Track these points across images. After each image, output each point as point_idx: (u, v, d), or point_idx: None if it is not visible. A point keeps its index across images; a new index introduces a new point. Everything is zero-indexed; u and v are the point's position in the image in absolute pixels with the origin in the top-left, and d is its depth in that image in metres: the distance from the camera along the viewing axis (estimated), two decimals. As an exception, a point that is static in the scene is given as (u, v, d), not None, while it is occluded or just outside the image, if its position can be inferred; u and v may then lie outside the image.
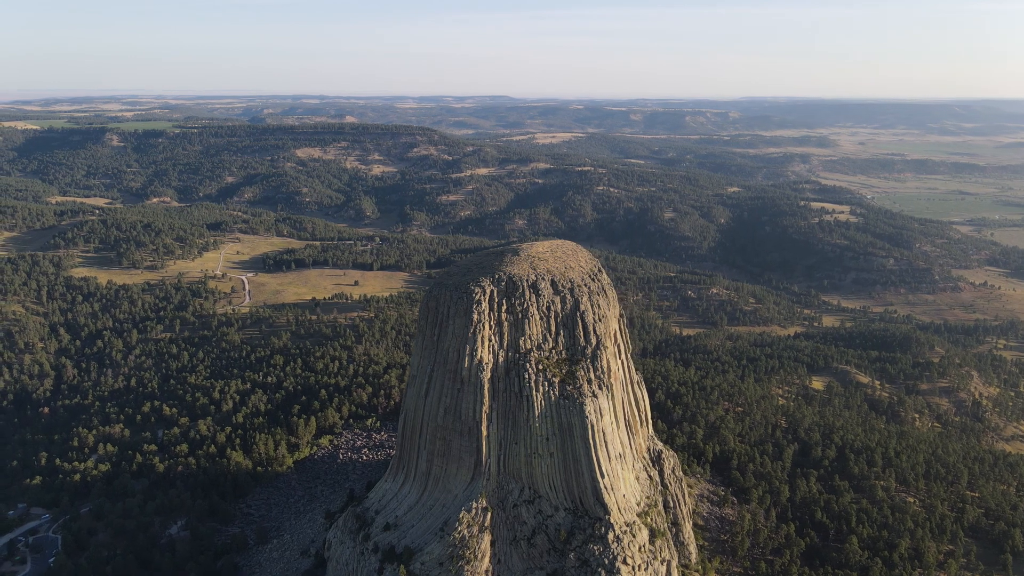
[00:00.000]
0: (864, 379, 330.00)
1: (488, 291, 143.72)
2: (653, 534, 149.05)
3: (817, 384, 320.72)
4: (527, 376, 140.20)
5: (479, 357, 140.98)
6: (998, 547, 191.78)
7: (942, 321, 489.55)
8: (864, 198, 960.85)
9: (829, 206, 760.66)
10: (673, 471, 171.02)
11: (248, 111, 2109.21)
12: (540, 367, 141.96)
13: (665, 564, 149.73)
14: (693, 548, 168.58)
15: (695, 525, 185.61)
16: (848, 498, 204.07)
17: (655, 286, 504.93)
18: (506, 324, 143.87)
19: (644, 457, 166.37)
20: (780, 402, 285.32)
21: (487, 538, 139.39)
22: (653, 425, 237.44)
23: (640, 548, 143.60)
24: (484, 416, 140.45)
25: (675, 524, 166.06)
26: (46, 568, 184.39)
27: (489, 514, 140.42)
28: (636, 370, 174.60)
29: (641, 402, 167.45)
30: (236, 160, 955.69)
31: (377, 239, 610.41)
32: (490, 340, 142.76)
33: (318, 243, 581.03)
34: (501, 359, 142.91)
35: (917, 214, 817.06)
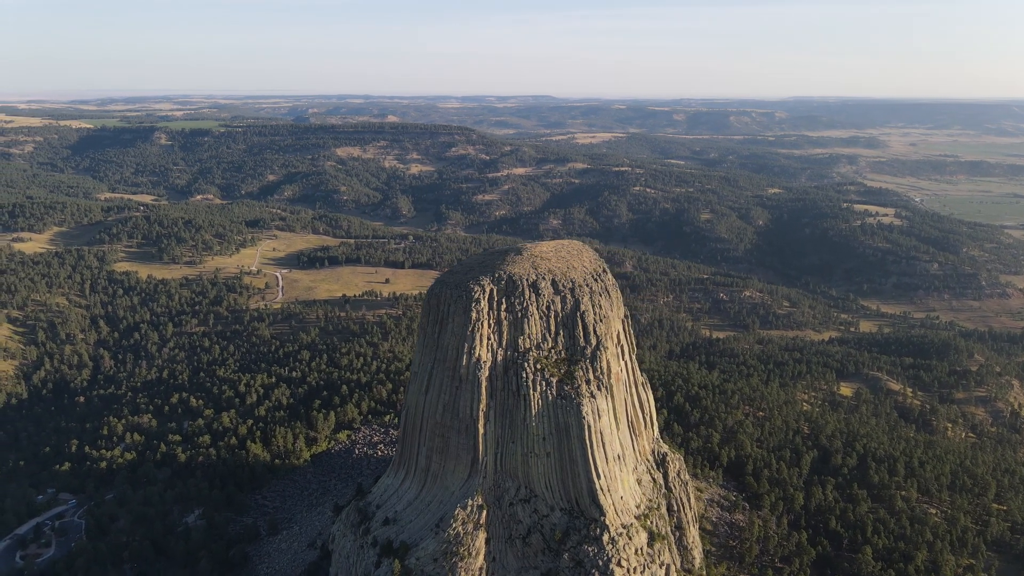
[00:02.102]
0: (896, 386, 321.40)
1: (488, 290, 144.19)
2: (652, 537, 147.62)
3: (846, 390, 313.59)
4: (525, 375, 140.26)
5: (477, 355, 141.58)
6: (1022, 563, 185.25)
7: (987, 328, 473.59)
8: (911, 200, 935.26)
9: (873, 208, 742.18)
10: (678, 474, 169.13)
11: (294, 111, 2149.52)
12: (538, 367, 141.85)
13: (664, 568, 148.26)
14: (697, 553, 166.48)
15: (703, 530, 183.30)
16: (865, 507, 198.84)
17: (686, 288, 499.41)
18: (505, 323, 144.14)
19: (648, 459, 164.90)
20: (804, 407, 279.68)
21: (482, 536, 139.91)
22: (669, 428, 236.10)
23: (637, 551, 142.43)
24: (481, 414, 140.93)
25: (679, 528, 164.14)
26: (68, 552, 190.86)
27: (485, 512, 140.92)
28: (641, 372, 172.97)
29: (645, 404, 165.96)
30: (278, 159, 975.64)
31: (410, 238, 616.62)
32: (489, 339, 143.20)
33: (352, 241, 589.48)
34: (500, 358, 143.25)
35: (968, 217, 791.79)
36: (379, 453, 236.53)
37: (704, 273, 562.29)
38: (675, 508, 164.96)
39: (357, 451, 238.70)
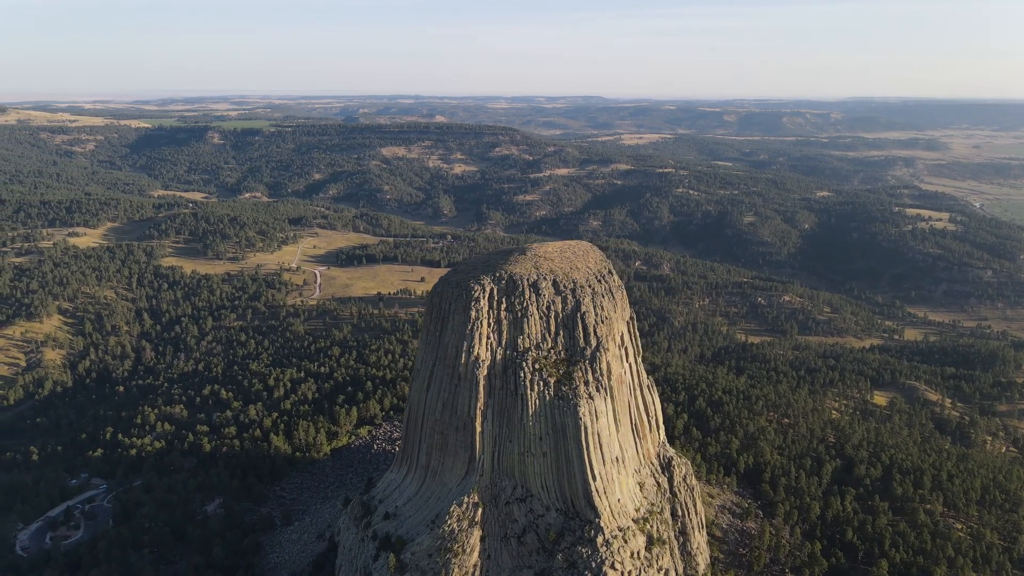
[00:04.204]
0: (934, 396, 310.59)
1: (488, 289, 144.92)
2: (651, 541, 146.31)
3: (880, 399, 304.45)
4: (523, 375, 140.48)
5: (476, 354, 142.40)
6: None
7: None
8: (969, 205, 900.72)
9: (926, 213, 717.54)
10: (684, 479, 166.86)
11: (344, 110, 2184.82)
12: (536, 366, 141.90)
13: (663, 572, 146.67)
14: (702, 559, 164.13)
15: (713, 537, 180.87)
16: (885, 520, 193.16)
17: (723, 291, 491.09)
18: (505, 322, 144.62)
19: (652, 463, 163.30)
20: (833, 416, 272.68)
21: (477, 533, 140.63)
22: (687, 432, 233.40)
23: (633, 554, 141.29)
24: (479, 412, 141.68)
25: (683, 533, 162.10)
26: (93, 535, 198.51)
27: (480, 510, 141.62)
28: (649, 374, 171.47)
29: (651, 407, 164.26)
30: (325, 158, 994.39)
31: (448, 237, 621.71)
32: (488, 338, 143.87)
33: (391, 239, 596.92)
34: (499, 357, 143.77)
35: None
36: (397, 449, 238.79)
37: (744, 277, 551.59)
38: (679, 513, 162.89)
39: (376, 446, 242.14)
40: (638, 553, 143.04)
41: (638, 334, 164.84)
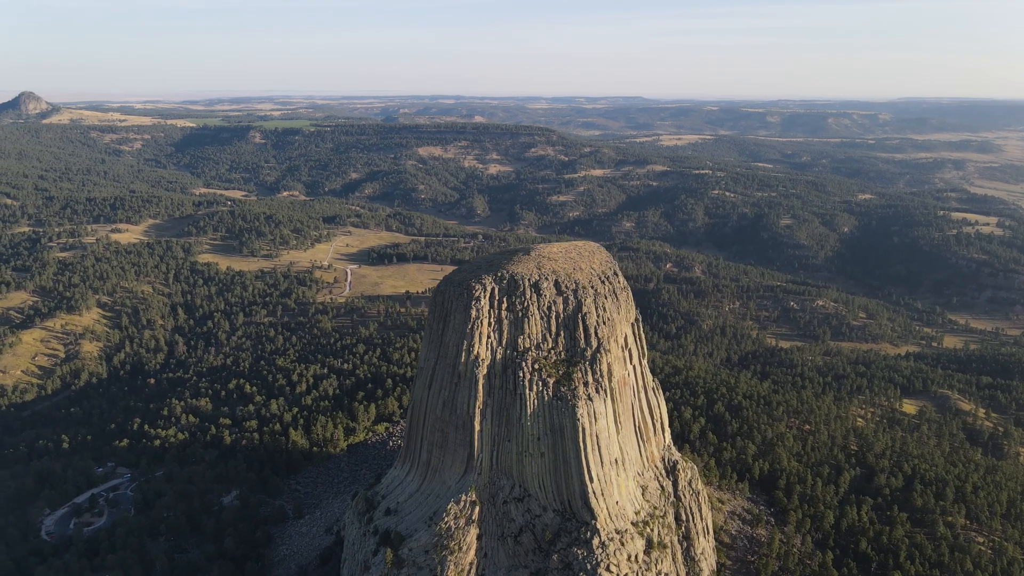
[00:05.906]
0: (967, 406, 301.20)
1: (489, 288, 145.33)
2: (650, 545, 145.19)
3: (909, 408, 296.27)
4: (522, 375, 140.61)
5: (476, 353, 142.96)
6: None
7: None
8: (1020, 209, 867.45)
9: (972, 217, 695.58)
10: (690, 483, 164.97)
11: (385, 111, 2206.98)
12: (536, 366, 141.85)
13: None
14: (706, 565, 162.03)
15: (721, 543, 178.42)
16: (902, 531, 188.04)
17: (754, 295, 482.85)
18: (505, 322, 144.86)
19: (657, 466, 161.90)
20: (858, 423, 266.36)
21: (473, 531, 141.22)
22: (703, 437, 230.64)
23: (630, 558, 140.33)
24: (478, 411, 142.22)
25: (687, 538, 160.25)
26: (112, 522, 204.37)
27: (478, 508, 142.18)
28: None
29: (656, 409, 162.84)
30: (362, 157, 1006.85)
31: (480, 237, 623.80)
32: (488, 337, 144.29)
33: (423, 239, 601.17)
34: (499, 356, 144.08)
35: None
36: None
37: (778, 280, 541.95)
38: (684, 517, 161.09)
39: (392, 443, 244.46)
40: (636, 556, 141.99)
41: (644, 336, 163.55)
